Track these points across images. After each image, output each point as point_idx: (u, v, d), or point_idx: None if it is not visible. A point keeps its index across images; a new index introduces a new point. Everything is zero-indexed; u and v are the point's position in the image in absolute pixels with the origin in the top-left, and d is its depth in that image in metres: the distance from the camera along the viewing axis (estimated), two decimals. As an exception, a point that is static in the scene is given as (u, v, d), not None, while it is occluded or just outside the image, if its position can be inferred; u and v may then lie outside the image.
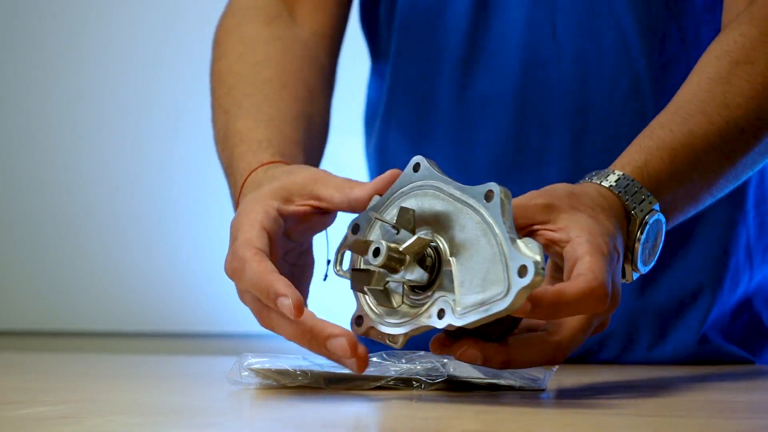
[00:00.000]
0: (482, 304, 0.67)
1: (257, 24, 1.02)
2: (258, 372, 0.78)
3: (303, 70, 1.00)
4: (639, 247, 0.80)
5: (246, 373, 0.79)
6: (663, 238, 0.83)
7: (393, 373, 0.77)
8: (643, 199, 0.81)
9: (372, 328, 0.73)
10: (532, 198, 0.76)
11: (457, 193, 0.71)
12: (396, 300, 0.72)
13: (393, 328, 0.72)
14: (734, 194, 1.08)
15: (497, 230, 0.68)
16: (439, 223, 0.71)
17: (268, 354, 0.80)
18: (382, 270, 0.71)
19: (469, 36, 1.06)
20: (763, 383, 0.94)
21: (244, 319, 2.00)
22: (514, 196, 1.05)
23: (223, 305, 1.91)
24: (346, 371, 0.77)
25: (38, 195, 1.99)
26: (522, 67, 1.05)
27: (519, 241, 0.67)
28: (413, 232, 0.71)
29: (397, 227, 0.72)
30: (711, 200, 0.90)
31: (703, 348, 1.08)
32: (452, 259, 0.70)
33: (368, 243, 0.72)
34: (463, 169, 1.08)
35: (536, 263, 0.66)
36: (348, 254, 0.76)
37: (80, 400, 0.75)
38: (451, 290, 0.69)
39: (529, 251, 0.67)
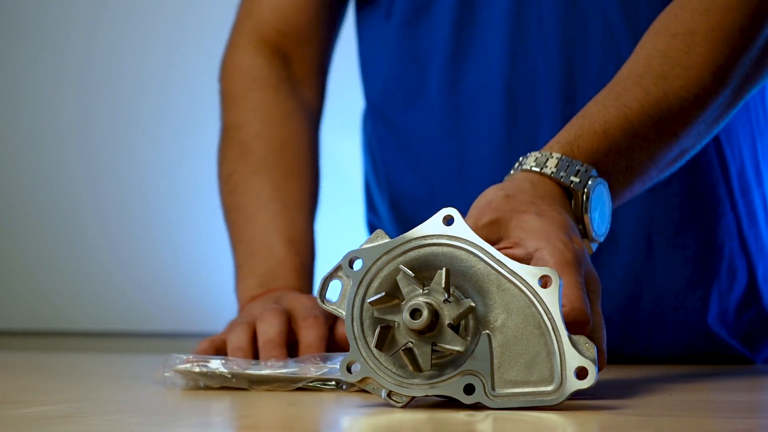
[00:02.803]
0: (523, 393, 0.64)
1: (266, 92, 1.10)
2: (183, 373, 0.79)
3: (311, 144, 1.10)
4: (589, 218, 0.78)
5: (169, 374, 0.79)
6: (610, 202, 0.81)
7: (314, 373, 0.78)
8: (578, 170, 0.78)
9: (369, 378, 0.66)
10: (479, 219, 0.74)
11: (507, 265, 0.66)
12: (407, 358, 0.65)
13: (402, 388, 0.66)
14: (720, 183, 1.08)
15: (557, 323, 0.65)
16: (475, 288, 0.66)
17: (192, 355, 0.80)
18: (411, 332, 0.65)
19: (456, 30, 1.07)
20: (763, 383, 0.94)
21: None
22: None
23: (223, 305, 1.91)
24: (267, 372, 0.78)
25: (38, 195, 1.99)
26: (510, 58, 1.05)
27: (575, 338, 0.65)
28: (448, 292, 0.65)
29: (440, 289, 0.65)
30: (660, 175, 0.88)
31: (704, 341, 1.08)
32: (489, 334, 0.65)
33: (396, 299, 0.66)
34: (457, 162, 1.08)
35: (595, 366, 0.64)
36: (337, 285, 0.69)
37: (80, 400, 0.75)
38: (483, 365, 0.65)
39: (587, 351, 0.65)
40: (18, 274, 2.00)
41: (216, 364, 0.79)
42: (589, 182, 0.78)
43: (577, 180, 0.78)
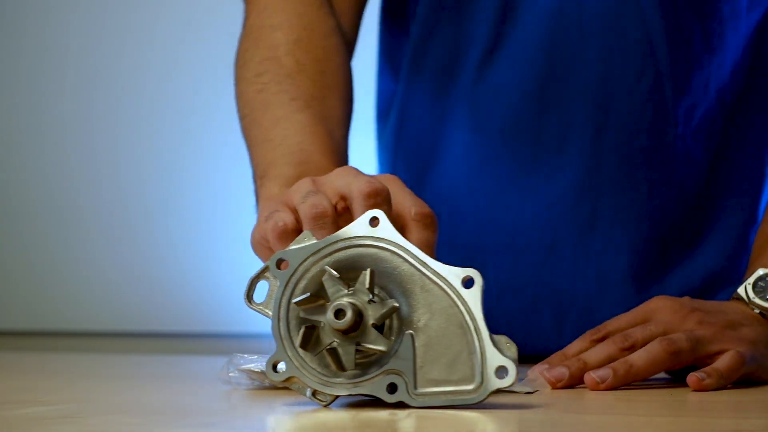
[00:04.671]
0: (444, 393, 0.66)
1: (310, 2, 1.01)
2: (247, 373, 0.79)
3: (350, 74, 1.01)
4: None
5: (235, 373, 0.79)
6: None
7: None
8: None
9: (294, 378, 0.67)
10: None
11: (431, 266, 0.67)
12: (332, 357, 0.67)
13: (326, 387, 0.67)
14: (750, 195, 1.09)
15: (479, 323, 0.66)
16: (399, 289, 0.68)
17: (257, 354, 0.80)
18: (336, 332, 0.66)
19: (496, 26, 1.07)
20: (764, 383, 0.94)
21: (244, 320, 2.00)
22: (532, 194, 1.07)
23: (223, 305, 1.91)
24: None
25: (38, 195, 1.99)
26: (547, 59, 1.06)
27: (496, 338, 0.66)
28: (372, 293, 0.67)
29: (364, 289, 0.66)
30: None
31: None
32: (412, 333, 0.67)
33: (321, 300, 0.67)
34: (479, 157, 1.09)
35: (515, 365, 0.65)
36: (264, 286, 0.70)
37: (80, 400, 0.75)
38: (406, 364, 0.66)
39: (508, 351, 0.67)
40: (18, 274, 2.00)
41: (280, 365, 0.79)
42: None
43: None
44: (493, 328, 1.10)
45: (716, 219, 1.09)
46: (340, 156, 0.93)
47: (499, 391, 0.67)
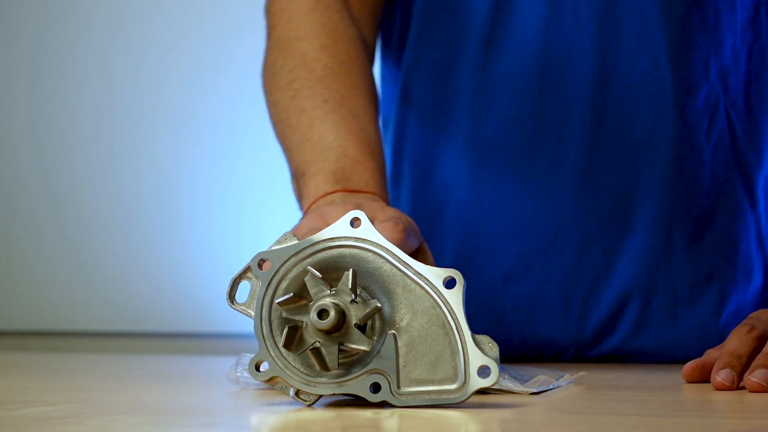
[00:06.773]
0: (428, 392, 0.66)
1: (333, 12, 1.05)
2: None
3: (370, 72, 1.05)
4: None
5: (243, 373, 0.79)
6: None
7: None
8: None
9: (277, 377, 0.68)
10: None
11: (413, 266, 0.68)
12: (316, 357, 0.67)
13: (310, 387, 0.67)
14: (745, 184, 1.09)
15: (461, 322, 0.66)
16: (381, 289, 0.68)
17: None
18: (319, 332, 0.67)
19: (492, 15, 1.08)
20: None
21: (244, 319, 2.00)
22: (534, 180, 1.07)
23: (223, 305, 1.91)
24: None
25: (38, 195, 1.99)
26: (544, 45, 1.07)
27: (479, 337, 0.67)
28: (355, 293, 0.67)
29: (347, 290, 0.67)
30: None
31: (715, 341, 1.09)
32: (395, 333, 0.67)
33: (304, 300, 0.68)
34: (482, 145, 1.09)
35: (497, 365, 0.66)
36: (246, 286, 0.70)
37: (81, 400, 0.75)
38: (389, 364, 0.67)
39: (490, 351, 0.67)
40: (18, 274, 2.00)
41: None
42: None
43: None
44: (500, 316, 1.10)
45: (719, 204, 1.09)
46: (373, 148, 0.97)
47: (500, 391, 0.67)
